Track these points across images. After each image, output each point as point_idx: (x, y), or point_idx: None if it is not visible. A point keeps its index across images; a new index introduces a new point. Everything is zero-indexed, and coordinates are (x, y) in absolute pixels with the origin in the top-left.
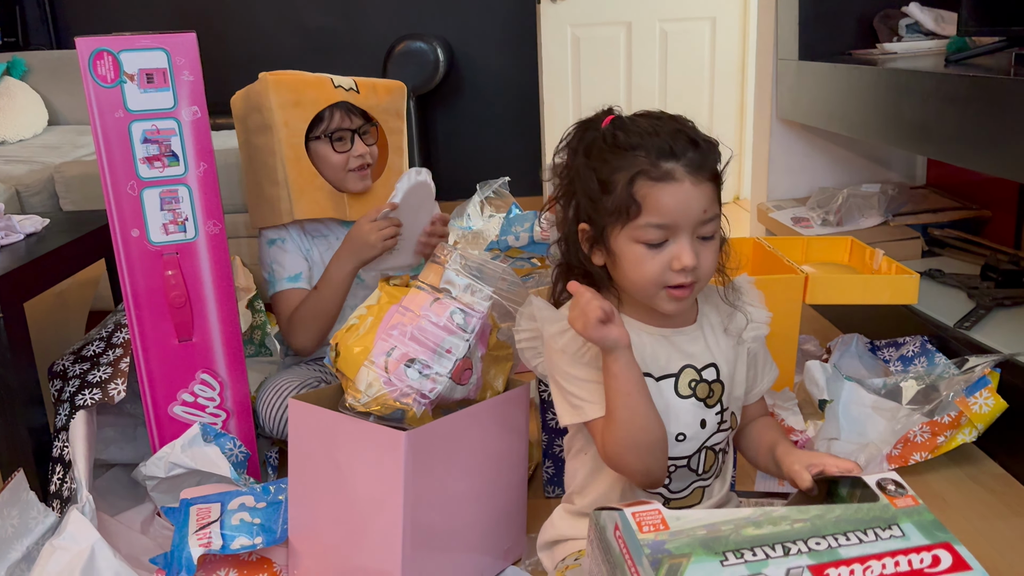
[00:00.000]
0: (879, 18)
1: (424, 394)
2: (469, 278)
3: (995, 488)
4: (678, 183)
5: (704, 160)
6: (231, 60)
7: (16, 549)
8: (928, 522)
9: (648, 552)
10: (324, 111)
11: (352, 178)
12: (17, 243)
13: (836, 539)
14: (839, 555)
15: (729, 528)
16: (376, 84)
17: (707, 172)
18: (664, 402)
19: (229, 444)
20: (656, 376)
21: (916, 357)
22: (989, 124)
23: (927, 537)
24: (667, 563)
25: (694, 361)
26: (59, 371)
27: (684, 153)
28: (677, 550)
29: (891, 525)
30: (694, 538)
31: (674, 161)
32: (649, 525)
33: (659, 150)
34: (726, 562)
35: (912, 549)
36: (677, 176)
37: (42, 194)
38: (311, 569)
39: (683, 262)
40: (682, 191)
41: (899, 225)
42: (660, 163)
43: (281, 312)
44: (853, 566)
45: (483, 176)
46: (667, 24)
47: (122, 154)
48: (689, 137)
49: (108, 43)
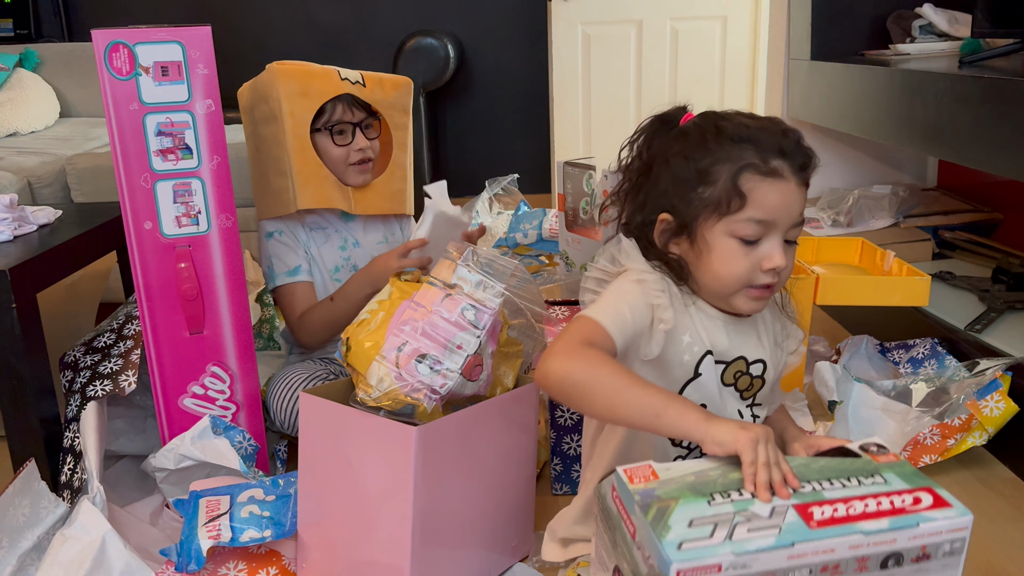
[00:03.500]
0: (892, 19)
1: (435, 389)
2: (481, 274)
3: (1005, 492)
4: (785, 181)
5: (807, 163)
6: (242, 54)
7: (27, 538)
8: (909, 472)
9: (638, 499)
10: (327, 103)
11: (352, 172)
12: (30, 234)
13: (820, 484)
14: (823, 496)
15: (717, 473)
16: (383, 79)
17: (807, 176)
18: (717, 386)
19: (239, 437)
20: (716, 359)
21: (926, 359)
22: (1002, 126)
23: (908, 483)
24: (655, 506)
25: (746, 353)
26: (70, 362)
27: (792, 153)
28: (666, 495)
29: (873, 474)
30: (683, 484)
31: (783, 159)
32: (640, 477)
33: (770, 146)
34: (713, 502)
35: (894, 492)
36: (785, 174)
37: (54, 186)
38: (320, 562)
39: (775, 261)
40: (788, 190)
41: (910, 227)
42: (770, 159)
43: (286, 307)
44: (837, 505)
45: (492, 173)
46: (678, 23)
47: (136, 146)
48: (796, 139)
49: (124, 36)
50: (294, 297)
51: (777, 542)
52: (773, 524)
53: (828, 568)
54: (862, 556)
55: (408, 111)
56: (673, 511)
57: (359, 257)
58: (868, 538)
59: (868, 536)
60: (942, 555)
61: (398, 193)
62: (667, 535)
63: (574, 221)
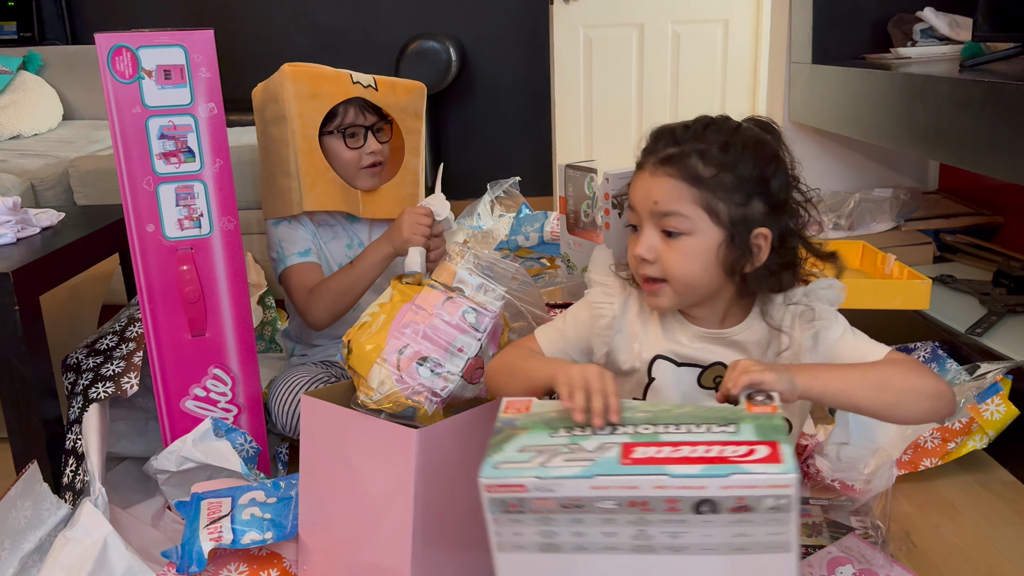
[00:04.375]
0: (893, 22)
1: (436, 392)
2: (482, 277)
3: (1005, 495)
4: (641, 172)
5: (675, 155)
6: (245, 58)
7: (29, 540)
8: (769, 426)
9: (497, 426)
10: (338, 106)
11: (363, 175)
12: (33, 236)
13: (667, 427)
14: (658, 438)
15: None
16: (396, 83)
17: (674, 167)
18: (682, 389)
19: (240, 439)
20: (678, 362)
21: (927, 363)
22: (1003, 130)
23: (759, 435)
24: (505, 432)
25: (726, 359)
26: (73, 364)
27: (660, 148)
28: (522, 424)
29: (731, 423)
30: (541, 418)
31: (649, 154)
32: (515, 409)
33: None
34: (555, 435)
35: (732, 442)
36: (644, 166)
37: (56, 188)
38: (321, 564)
39: (633, 249)
40: (642, 177)
41: (911, 230)
42: (643, 156)
43: (295, 285)
44: (664, 448)
45: (494, 176)
46: (679, 26)
47: (139, 149)
48: (676, 134)
49: (127, 39)
50: (304, 276)
51: (581, 472)
52: (588, 458)
53: (636, 504)
54: (671, 497)
55: (420, 116)
56: (514, 438)
57: None
58: (675, 480)
59: (675, 479)
60: (766, 509)
61: (409, 197)
62: (493, 456)
63: (575, 224)
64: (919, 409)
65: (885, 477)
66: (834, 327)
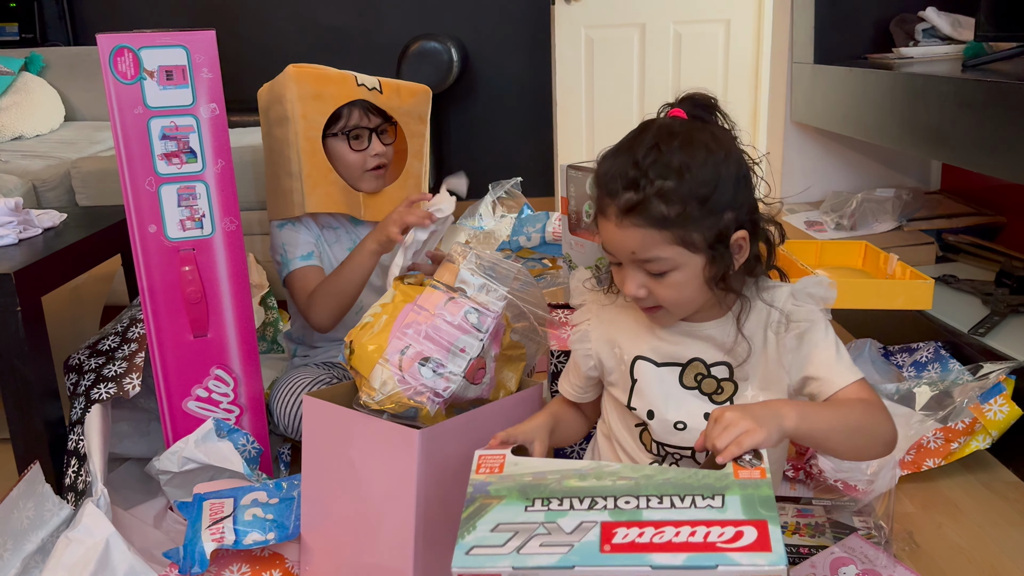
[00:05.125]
0: (895, 22)
1: (438, 393)
2: (484, 278)
3: (1008, 495)
4: (606, 220)
5: (637, 203)
6: (246, 58)
7: (31, 541)
8: (758, 498)
9: (470, 492)
10: (342, 108)
11: (367, 178)
12: (35, 237)
13: (648, 500)
14: (640, 516)
15: (555, 477)
16: (400, 86)
17: (639, 217)
18: (665, 389)
19: (242, 440)
20: (658, 362)
21: (930, 363)
22: (1005, 129)
23: (746, 512)
24: (479, 502)
25: (704, 356)
26: (75, 365)
27: (617, 193)
28: (496, 492)
29: (716, 495)
30: (517, 483)
31: (608, 198)
32: (487, 467)
33: (602, 182)
34: (531, 507)
35: (720, 522)
36: (607, 213)
37: (58, 189)
38: (323, 565)
39: (624, 289)
40: (607, 229)
41: (913, 230)
42: (601, 197)
43: (298, 289)
44: (646, 529)
45: (495, 176)
46: (681, 26)
47: (141, 150)
48: (631, 177)
49: (129, 40)
50: (306, 280)
51: (559, 562)
52: (568, 542)
53: None
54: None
55: (424, 119)
56: (488, 512)
57: None
58: (656, 572)
59: (657, 570)
60: None
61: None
62: (466, 536)
63: (577, 224)
64: (873, 453)
65: (888, 477)
66: (817, 328)
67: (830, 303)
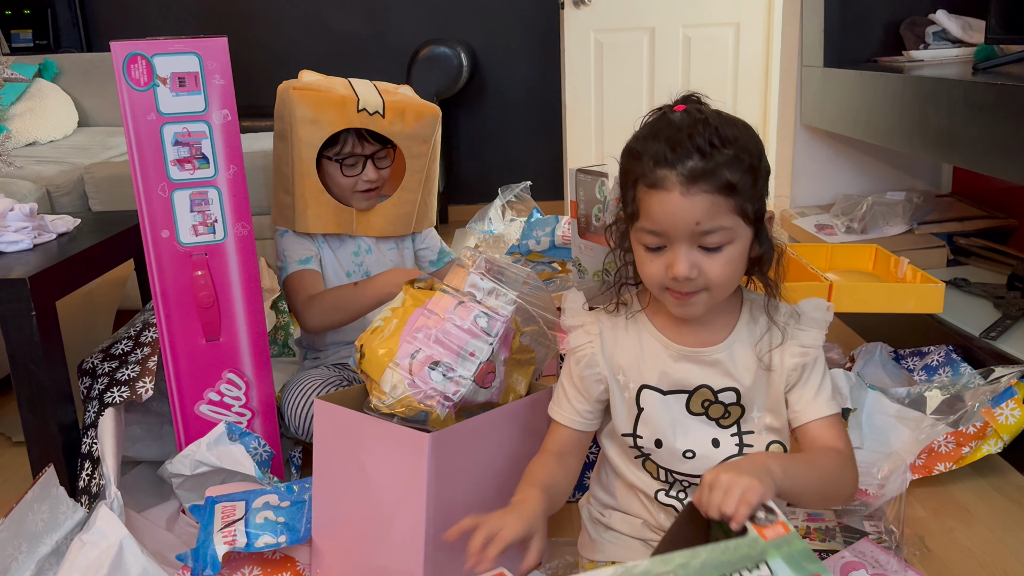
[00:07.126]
0: (906, 25)
1: (448, 396)
2: (493, 282)
3: (1020, 500)
4: (667, 192)
5: (707, 169)
6: (258, 65)
7: (46, 543)
8: (798, 553)
9: None
10: (340, 132)
11: (358, 198)
12: (49, 242)
13: None
14: None
15: None
16: (406, 109)
17: (708, 183)
18: (671, 417)
19: (254, 443)
20: (664, 390)
21: (941, 367)
22: (1017, 132)
23: (796, 571)
24: None
25: (711, 382)
26: (88, 369)
27: (681, 161)
28: None
29: (759, 564)
30: None
31: (667, 168)
32: None
33: (655, 156)
34: None
35: None
36: (667, 185)
37: (72, 194)
38: (334, 568)
39: (674, 271)
40: (670, 200)
41: (924, 233)
42: (656, 169)
43: (294, 291)
44: None
45: (505, 180)
46: (690, 29)
47: (153, 156)
48: (695, 144)
49: (142, 47)
50: (302, 282)
51: None
52: None
53: None
54: None
55: (428, 141)
56: None
57: (372, 263)
58: None
59: None
60: None
61: (404, 217)
62: None
63: (587, 228)
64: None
65: (899, 482)
66: (820, 360)
67: (826, 326)
